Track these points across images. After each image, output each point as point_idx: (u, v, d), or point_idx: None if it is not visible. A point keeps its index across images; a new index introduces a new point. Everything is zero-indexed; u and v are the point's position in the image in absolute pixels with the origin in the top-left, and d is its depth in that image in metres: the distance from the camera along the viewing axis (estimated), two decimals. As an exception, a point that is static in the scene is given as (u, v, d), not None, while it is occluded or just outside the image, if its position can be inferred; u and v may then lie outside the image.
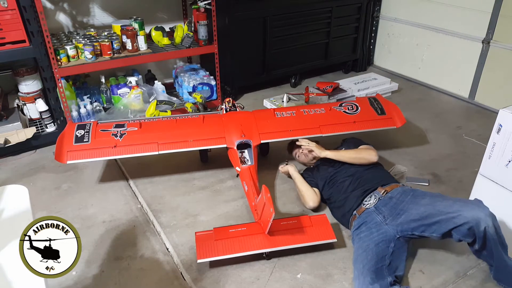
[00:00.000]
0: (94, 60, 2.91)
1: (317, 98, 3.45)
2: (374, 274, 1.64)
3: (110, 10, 3.37)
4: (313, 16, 3.77)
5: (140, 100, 3.16)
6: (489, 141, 1.84)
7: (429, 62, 3.93)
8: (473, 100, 3.59)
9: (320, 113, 2.60)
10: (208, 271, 1.86)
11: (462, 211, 1.62)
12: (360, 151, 2.23)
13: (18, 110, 2.92)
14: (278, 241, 1.87)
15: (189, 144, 2.39)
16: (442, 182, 2.50)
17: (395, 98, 3.60)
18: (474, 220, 1.58)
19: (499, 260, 1.67)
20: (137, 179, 2.55)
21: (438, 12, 3.69)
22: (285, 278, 1.82)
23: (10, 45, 2.54)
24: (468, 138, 3.00)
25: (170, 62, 3.86)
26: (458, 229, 1.64)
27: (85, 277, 1.83)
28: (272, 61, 3.73)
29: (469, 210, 1.62)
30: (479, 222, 1.58)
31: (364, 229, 1.87)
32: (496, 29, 3.27)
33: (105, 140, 2.32)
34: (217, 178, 2.56)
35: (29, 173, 2.62)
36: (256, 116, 2.57)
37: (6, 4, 2.43)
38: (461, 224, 1.61)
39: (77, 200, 2.37)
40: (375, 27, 4.33)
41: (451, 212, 1.65)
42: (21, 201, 1.31)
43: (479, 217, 1.58)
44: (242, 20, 3.39)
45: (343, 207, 2.05)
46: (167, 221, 2.19)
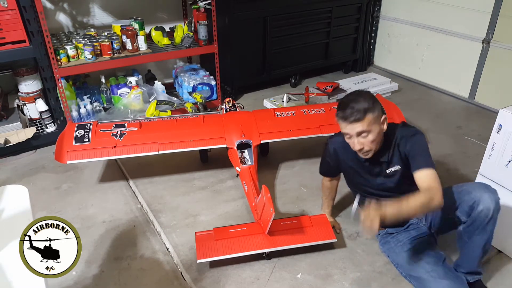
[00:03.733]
0: (94, 60, 2.91)
1: (317, 98, 3.45)
2: (442, 269, 1.63)
3: (110, 10, 3.37)
4: (313, 16, 3.77)
5: (140, 100, 3.16)
6: (489, 141, 1.84)
7: (429, 62, 3.93)
8: (473, 100, 3.59)
9: (320, 113, 2.60)
10: (208, 271, 1.86)
11: (473, 192, 1.59)
12: (428, 196, 1.51)
13: (18, 110, 2.92)
14: (278, 241, 1.87)
15: (189, 144, 2.39)
16: (442, 182, 2.49)
17: (395, 98, 3.60)
18: (478, 198, 1.55)
19: (472, 250, 1.63)
20: (137, 179, 2.55)
21: (438, 12, 3.69)
22: (285, 278, 1.82)
23: (10, 45, 2.54)
24: (468, 138, 3.00)
25: (170, 62, 3.86)
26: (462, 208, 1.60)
27: (85, 277, 1.83)
28: (272, 61, 3.73)
29: (478, 190, 1.58)
30: (480, 200, 1.54)
31: (402, 232, 1.82)
32: (496, 29, 3.27)
33: (105, 140, 2.32)
34: (217, 178, 2.56)
35: (29, 173, 2.62)
36: (256, 116, 2.57)
37: (6, 4, 2.43)
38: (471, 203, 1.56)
39: (77, 200, 2.37)
40: (375, 27, 4.33)
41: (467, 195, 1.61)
42: (21, 201, 1.31)
43: (483, 196, 1.54)
44: (242, 20, 3.39)
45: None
46: (167, 221, 2.19)
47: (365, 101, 1.57)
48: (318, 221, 1.99)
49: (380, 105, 1.63)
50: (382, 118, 1.62)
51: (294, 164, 2.70)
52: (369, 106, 1.57)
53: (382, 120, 1.63)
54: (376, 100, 1.62)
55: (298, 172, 2.62)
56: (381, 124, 1.62)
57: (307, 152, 2.80)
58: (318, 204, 2.25)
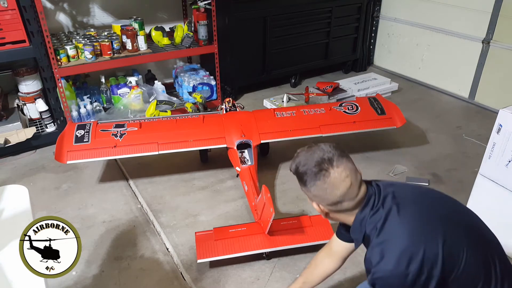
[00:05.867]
0: (94, 60, 2.91)
1: (317, 98, 3.45)
2: None
3: (110, 10, 3.37)
4: (313, 16, 3.77)
5: (140, 100, 3.16)
6: (489, 141, 1.84)
7: (429, 62, 3.93)
8: (473, 100, 3.59)
9: (320, 113, 2.60)
10: (208, 271, 1.86)
11: None
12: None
13: (18, 110, 2.92)
14: (278, 241, 1.87)
15: (189, 144, 2.39)
16: (442, 182, 2.50)
17: (395, 98, 3.60)
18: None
19: None
20: (137, 179, 2.55)
21: (438, 12, 3.69)
22: (285, 278, 1.82)
23: (10, 45, 2.54)
24: (468, 138, 3.00)
25: (170, 62, 3.86)
26: None
27: (85, 277, 1.83)
28: (272, 61, 3.73)
29: None
30: None
31: None
32: (496, 29, 3.27)
33: (105, 140, 2.32)
34: (217, 178, 2.56)
35: (29, 173, 2.62)
36: (256, 116, 2.57)
37: (6, 4, 2.43)
38: None
39: (77, 200, 2.37)
40: (375, 27, 4.32)
41: None
42: (21, 201, 1.31)
43: None
44: (242, 20, 3.39)
45: None
46: (167, 221, 2.19)
47: (303, 168, 1.15)
48: (318, 221, 1.98)
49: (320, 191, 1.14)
50: (319, 208, 1.21)
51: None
52: (300, 175, 1.17)
53: (320, 210, 1.21)
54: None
55: (298, 172, 2.62)
56: (318, 208, 1.21)
57: (307, 152, 2.80)
58: (318, 204, 2.25)
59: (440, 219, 1.12)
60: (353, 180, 1.13)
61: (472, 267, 1.08)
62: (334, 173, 1.11)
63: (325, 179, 1.11)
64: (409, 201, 1.16)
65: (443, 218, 1.13)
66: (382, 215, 1.13)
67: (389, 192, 1.17)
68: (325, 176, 1.11)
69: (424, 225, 1.10)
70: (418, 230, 1.09)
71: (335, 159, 1.12)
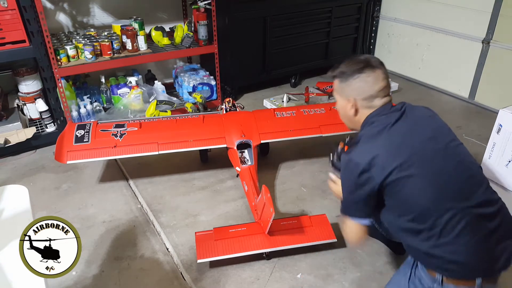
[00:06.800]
0: (94, 60, 2.91)
1: (317, 98, 3.45)
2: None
3: (110, 10, 3.37)
4: (313, 16, 3.77)
5: (140, 100, 3.16)
6: (489, 141, 1.84)
7: (429, 62, 3.93)
8: (473, 100, 3.59)
9: (320, 113, 2.60)
10: (208, 271, 1.86)
11: None
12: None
13: (18, 110, 2.92)
14: (278, 241, 1.87)
15: (189, 144, 2.38)
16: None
17: (395, 98, 3.54)
18: None
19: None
20: (137, 179, 2.55)
21: (438, 12, 3.69)
22: (285, 278, 1.82)
23: (10, 45, 2.54)
24: (468, 138, 3.00)
25: (170, 62, 3.86)
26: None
27: (85, 277, 1.83)
28: (272, 61, 3.73)
29: None
30: None
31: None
32: (496, 29, 3.27)
33: (105, 140, 2.32)
34: (217, 178, 2.56)
35: (29, 173, 2.62)
36: (256, 116, 2.57)
37: (6, 4, 2.43)
38: None
39: (77, 200, 2.37)
40: (375, 27, 4.32)
41: None
42: (21, 201, 1.31)
43: None
44: (242, 20, 3.39)
45: None
46: (167, 221, 2.19)
47: (348, 65, 1.39)
48: (318, 221, 1.99)
49: (365, 85, 1.37)
50: (350, 103, 1.40)
51: (294, 164, 2.70)
52: (343, 71, 1.39)
53: (351, 105, 1.41)
54: (364, 73, 1.36)
55: (298, 172, 2.62)
56: (348, 104, 1.41)
57: (307, 152, 2.80)
58: (318, 204, 2.26)
59: (418, 147, 1.32)
60: (388, 83, 1.40)
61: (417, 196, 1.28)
62: (378, 71, 1.36)
63: (369, 73, 1.35)
64: (410, 123, 1.39)
65: (421, 148, 1.33)
66: (381, 125, 1.35)
67: (403, 111, 1.40)
68: (370, 71, 1.35)
69: (400, 145, 1.30)
70: (394, 146, 1.30)
71: (379, 63, 1.37)
